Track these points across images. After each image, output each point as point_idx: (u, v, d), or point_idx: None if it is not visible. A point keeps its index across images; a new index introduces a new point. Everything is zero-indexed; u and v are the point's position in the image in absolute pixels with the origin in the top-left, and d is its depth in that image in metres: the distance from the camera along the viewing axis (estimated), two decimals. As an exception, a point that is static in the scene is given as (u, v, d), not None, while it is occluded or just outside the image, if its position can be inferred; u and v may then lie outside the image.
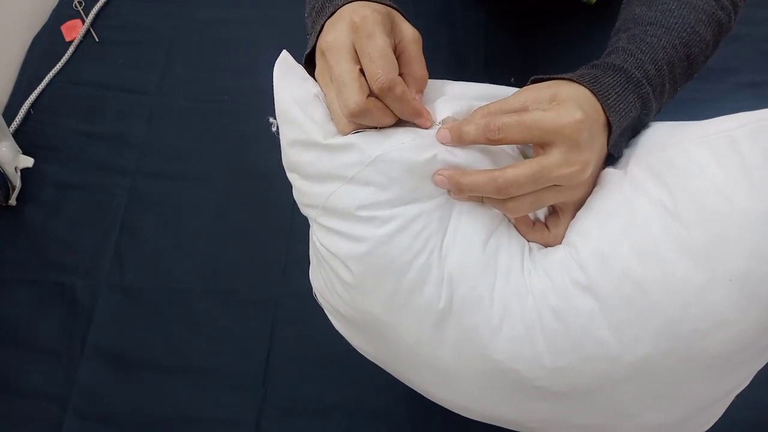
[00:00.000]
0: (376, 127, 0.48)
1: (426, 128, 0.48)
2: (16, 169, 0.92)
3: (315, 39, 0.50)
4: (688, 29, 0.50)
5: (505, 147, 0.50)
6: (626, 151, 0.51)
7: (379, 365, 0.59)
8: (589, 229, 0.48)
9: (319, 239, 0.51)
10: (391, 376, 0.78)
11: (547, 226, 0.50)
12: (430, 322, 0.48)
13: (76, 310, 0.84)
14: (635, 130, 0.51)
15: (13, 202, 0.91)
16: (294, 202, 0.92)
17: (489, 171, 0.46)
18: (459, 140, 0.47)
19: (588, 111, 0.45)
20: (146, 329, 0.82)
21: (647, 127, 0.52)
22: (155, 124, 0.99)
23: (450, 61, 0.99)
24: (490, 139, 0.46)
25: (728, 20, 0.53)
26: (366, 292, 0.49)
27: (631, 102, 0.48)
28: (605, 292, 0.45)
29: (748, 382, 0.52)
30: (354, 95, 0.45)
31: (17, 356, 0.81)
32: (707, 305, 0.44)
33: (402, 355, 0.52)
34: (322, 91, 0.48)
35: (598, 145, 0.47)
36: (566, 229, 0.50)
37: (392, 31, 0.47)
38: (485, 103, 0.49)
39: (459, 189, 0.47)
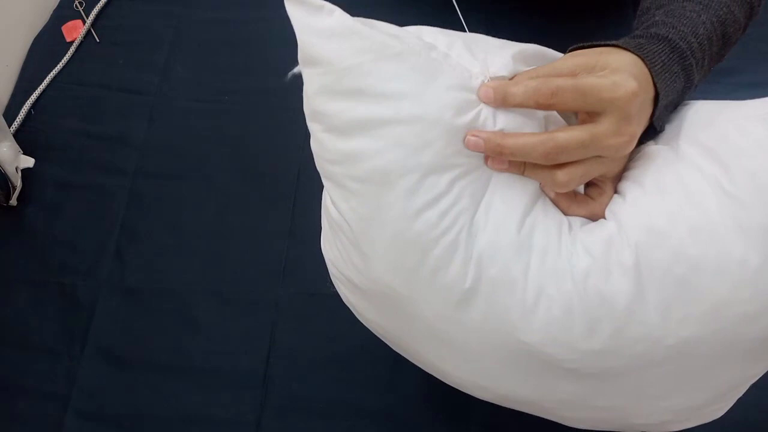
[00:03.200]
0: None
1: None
2: (16, 169, 0.92)
3: None
4: (724, 8, 0.49)
5: (546, 115, 0.47)
6: (668, 128, 0.49)
7: (387, 340, 0.57)
8: (642, 206, 0.45)
9: (336, 204, 0.48)
10: (392, 376, 0.78)
11: (590, 198, 0.48)
12: (454, 300, 0.46)
13: (77, 310, 0.84)
14: (675, 105, 0.49)
15: (13, 202, 0.91)
16: (294, 202, 0.92)
17: (536, 133, 0.43)
18: (503, 101, 0.44)
19: (641, 82, 0.43)
20: (147, 329, 0.82)
21: (687, 105, 0.50)
22: (156, 125, 0.99)
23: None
24: (539, 103, 0.43)
25: (758, 4, 0.52)
26: (386, 265, 0.46)
27: (676, 73, 0.46)
28: (656, 271, 0.43)
29: None
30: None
31: (17, 356, 0.81)
32: (761, 288, 0.42)
33: (418, 330, 0.50)
34: None
35: (645, 118, 0.45)
36: (610, 199, 0.47)
37: None
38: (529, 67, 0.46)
39: (500, 152, 0.43)
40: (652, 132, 0.48)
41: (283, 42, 1.08)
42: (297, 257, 0.86)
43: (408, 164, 0.43)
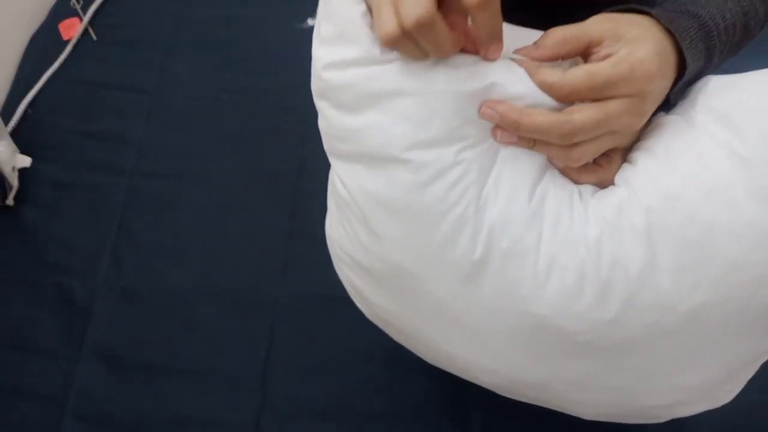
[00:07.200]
0: None
1: (493, 59, 0.43)
2: (13, 168, 0.91)
3: None
4: (748, 0, 0.49)
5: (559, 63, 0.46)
6: (681, 102, 0.49)
7: (391, 327, 0.56)
8: (654, 172, 0.45)
9: (343, 182, 0.48)
10: (392, 378, 0.78)
11: (600, 165, 0.48)
12: (463, 275, 0.45)
13: (74, 310, 0.83)
14: (690, 83, 0.49)
15: (10, 202, 0.91)
16: (294, 202, 0.92)
17: (553, 114, 0.43)
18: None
19: (662, 63, 0.43)
20: (144, 330, 0.82)
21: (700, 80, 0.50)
22: (153, 123, 0.98)
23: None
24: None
25: None
26: (394, 242, 0.46)
27: (700, 50, 0.46)
28: (668, 235, 0.43)
29: None
30: (387, 23, 0.39)
31: (14, 357, 0.81)
32: None
33: (426, 310, 0.49)
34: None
35: (661, 97, 0.45)
36: (619, 167, 0.47)
37: None
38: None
39: (516, 128, 0.43)
40: (665, 106, 0.48)
41: (281, 40, 1.09)
42: (297, 257, 0.86)
43: (415, 137, 0.43)
